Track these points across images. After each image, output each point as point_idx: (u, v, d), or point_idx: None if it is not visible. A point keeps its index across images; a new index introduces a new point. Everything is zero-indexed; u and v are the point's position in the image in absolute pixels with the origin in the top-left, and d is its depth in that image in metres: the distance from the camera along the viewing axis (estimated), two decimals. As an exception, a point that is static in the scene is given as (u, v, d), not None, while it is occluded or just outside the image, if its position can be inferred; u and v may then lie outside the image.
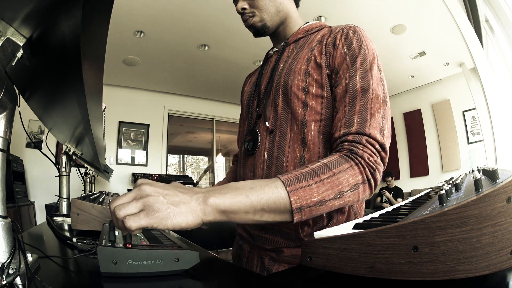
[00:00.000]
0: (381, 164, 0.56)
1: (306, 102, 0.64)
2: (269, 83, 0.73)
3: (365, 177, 0.53)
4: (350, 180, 0.51)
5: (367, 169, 0.53)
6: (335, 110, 0.61)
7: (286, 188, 0.48)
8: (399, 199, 4.47)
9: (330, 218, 0.64)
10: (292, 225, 0.63)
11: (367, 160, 0.53)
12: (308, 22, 0.80)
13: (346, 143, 0.55)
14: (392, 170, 4.96)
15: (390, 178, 4.82)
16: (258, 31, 0.77)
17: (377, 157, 0.55)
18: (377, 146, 0.55)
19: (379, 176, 0.55)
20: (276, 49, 0.80)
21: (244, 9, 0.76)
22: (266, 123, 0.69)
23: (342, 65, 0.61)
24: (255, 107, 0.75)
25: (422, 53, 4.01)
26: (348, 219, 0.65)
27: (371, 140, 0.54)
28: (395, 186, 4.86)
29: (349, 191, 0.51)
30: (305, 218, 0.50)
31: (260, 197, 0.47)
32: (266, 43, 0.86)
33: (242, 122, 0.86)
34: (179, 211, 0.42)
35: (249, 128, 0.74)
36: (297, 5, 0.83)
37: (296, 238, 0.65)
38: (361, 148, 0.54)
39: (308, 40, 0.72)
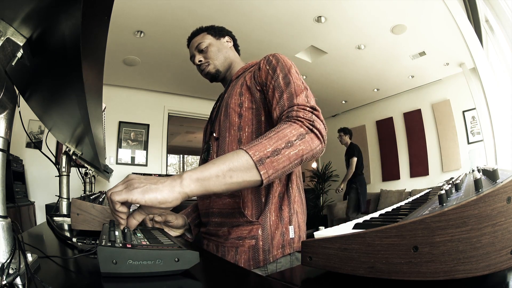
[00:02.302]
0: (317, 118, 0.67)
1: (240, 113, 0.83)
2: (218, 109, 0.93)
3: (307, 128, 0.64)
4: (293, 131, 0.62)
5: (305, 122, 0.65)
6: (272, 104, 0.76)
7: (242, 148, 0.59)
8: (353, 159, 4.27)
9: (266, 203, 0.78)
10: (236, 205, 0.77)
11: (302, 116, 0.66)
12: (247, 63, 0.99)
13: (282, 117, 0.70)
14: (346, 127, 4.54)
15: (342, 134, 4.47)
16: (214, 76, 1.00)
17: (311, 113, 0.67)
18: (308, 108, 0.68)
19: (320, 126, 0.66)
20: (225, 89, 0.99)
21: (200, 61, 0.99)
22: (214, 134, 0.89)
23: (267, 77, 0.79)
24: (209, 129, 0.95)
25: (422, 53, 4.01)
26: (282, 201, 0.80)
27: (300, 106, 0.68)
28: (350, 143, 4.45)
29: (297, 140, 0.62)
30: (272, 174, 0.59)
31: (224, 160, 0.57)
32: (265, 43, 0.90)
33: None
34: (156, 187, 0.52)
35: (204, 145, 0.94)
36: (238, 53, 1.07)
37: (241, 215, 0.77)
38: (294, 113, 0.67)
39: (245, 73, 0.91)
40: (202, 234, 0.91)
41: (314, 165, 6.79)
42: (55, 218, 1.17)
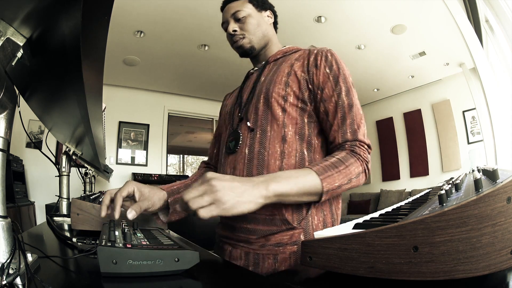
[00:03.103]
0: (369, 158, 0.74)
1: (284, 108, 0.75)
2: (251, 93, 0.83)
3: (363, 168, 0.71)
4: (355, 170, 0.69)
5: (363, 162, 0.71)
6: (328, 122, 0.75)
7: (319, 176, 0.64)
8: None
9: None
10: (276, 210, 0.72)
11: (363, 156, 0.71)
12: (285, 46, 0.91)
13: (346, 146, 0.72)
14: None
15: None
16: (246, 52, 0.87)
17: (368, 153, 0.73)
18: (365, 146, 0.72)
19: (369, 166, 0.73)
20: (257, 68, 0.90)
21: (235, 31, 0.86)
22: (248, 123, 0.78)
23: (326, 84, 0.74)
24: (237, 113, 0.84)
25: (422, 53, 4.02)
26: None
27: (362, 143, 0.72)
28: None
29: (354, 178, 0.69)
30: (328, 197, 0.67)
31: (303, 184, 0.63)
32: None
33: (217, 135, 0.99)
34: (242, 200, 0.54)
35: (231, 131, 0.83)
36: (276, 31, 0.96)
37: (282, 221, 0.71)
38: (357, 148, 0.71)
39: (287, 59, 0.83)
40: (221, 238, 0.82)
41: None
42: (55, 218, 1.17)
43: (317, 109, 0.75)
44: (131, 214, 0.62)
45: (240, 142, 0.77)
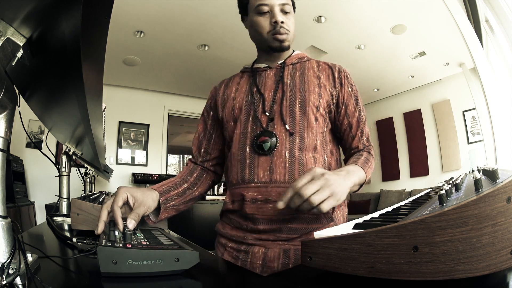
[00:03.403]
0: None
1: (316, 117, 0.79)
2: (277, 93, 0.81)
3: (374, 163, 0.85)
4: (374, 164, 0.83)
5: (374, 159, 0.85)
6: (351, 133, 0.86)
7: (364, 170, 0.76)
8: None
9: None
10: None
11: (373, 154, 0.86)
12: (294, 50, 0.91)
13: (365, 148, 0.86)
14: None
15: None
16: (283, 47, 0.84)
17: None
18: (372, 147, 0.89)
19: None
20: (267, 66, 0.88)
21: (283, 22, 0.81)
22: (286, 126, 0.77)
23: (350, 102, 0.84)
24: (261, 111, 0.81)
25: (422, 53, 4.01)
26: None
27: (371, 146, 0.88)
28: None
29: (371, 169, 0.81)
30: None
31: (359, 176, 0.74)
32: None
33: (210, 129, 0.93)
34: (344, 191, 0.63)
35: (261, 130, 0.78)
36: None
37: (325, 216, 0.76)
38: (371, 150, 0.87)
39: (304, 66, 0.86)
40: (251, 240, 0.76)
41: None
42: (55, 218, 1.17)
43: (340, 122, 0.85)
44: (131, 225, 0.60)
45: (278, 144, 0.76)
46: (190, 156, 0.97)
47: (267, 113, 0.79)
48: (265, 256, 0.74)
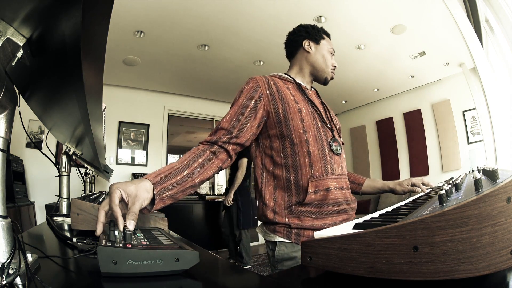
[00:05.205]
0: None
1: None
2: (327, 112, 1.10)
3: None
4: None
5: None
6: None
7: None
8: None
9: None
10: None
11: None
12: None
13: None
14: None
15: None
16: (327, 83, 1.14)
17: None
18: None
19: None
20: (307, 87, 1.11)
21: (335, 66, 1.12)
22: (340, 138, 1.08)
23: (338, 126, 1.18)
24: (326, 124, 1.03)
25: (422, 53, 4.01)
26: None
27: None
28: None
29: None
30: None
31: None
32: (265, 43, 0.88)
33: (251, 112, 0.94)
34: None
35: (332, 137, 1.02)
36: None
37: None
38: None
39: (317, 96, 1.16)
40: (340, 223, 0.94)
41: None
42: (55, 218, 1.17)
43: None
44: (131, 226, 0.59)
45: (341, 149, 1.03)
46: (208, 137, 0.93)
47: (328, 125, 1.04)
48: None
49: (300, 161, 0.95)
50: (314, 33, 1.11)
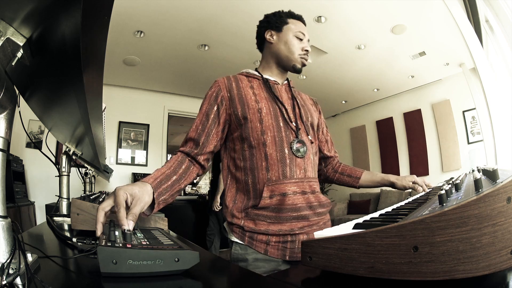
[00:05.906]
0: None
1: (315, 131, 1.05)
2: (295, 108, 0.99)
3: None
4: None
5: None
6: (327, 146, 1.15)
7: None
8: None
9: None
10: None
11: None
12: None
13: (337, 157, 1.22)
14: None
15: None
16: (300, 71, 1.03)
17: None
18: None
19: None
20: (276, 81, 1.03)
21: (307, 51, 1.02)
22: (309, 137, 0.98)
23: (323, 125, 1.14)
24: (287, 121, 0.95)
25: (422, 53, 4.01)
26: None
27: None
28: None
29: None
30: None
31: None
32: None
33: (215, 119, 0.94)
34: None
35: (295, 138, 0.95)
36: None
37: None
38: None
39: (296, 91, 1.08)
40: (297, 231, 0.90)
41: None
42: (55, 218, 1.17)
43: (319, 138, 1.11)
44: (130, 226, 0.60)
45: (307, 150, 0.95)
46: (181, 147, 0.97)
47: (294, 124, 0.95)
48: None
49: (257, 164, 0.92)
50: (274, 20, 1.01)
